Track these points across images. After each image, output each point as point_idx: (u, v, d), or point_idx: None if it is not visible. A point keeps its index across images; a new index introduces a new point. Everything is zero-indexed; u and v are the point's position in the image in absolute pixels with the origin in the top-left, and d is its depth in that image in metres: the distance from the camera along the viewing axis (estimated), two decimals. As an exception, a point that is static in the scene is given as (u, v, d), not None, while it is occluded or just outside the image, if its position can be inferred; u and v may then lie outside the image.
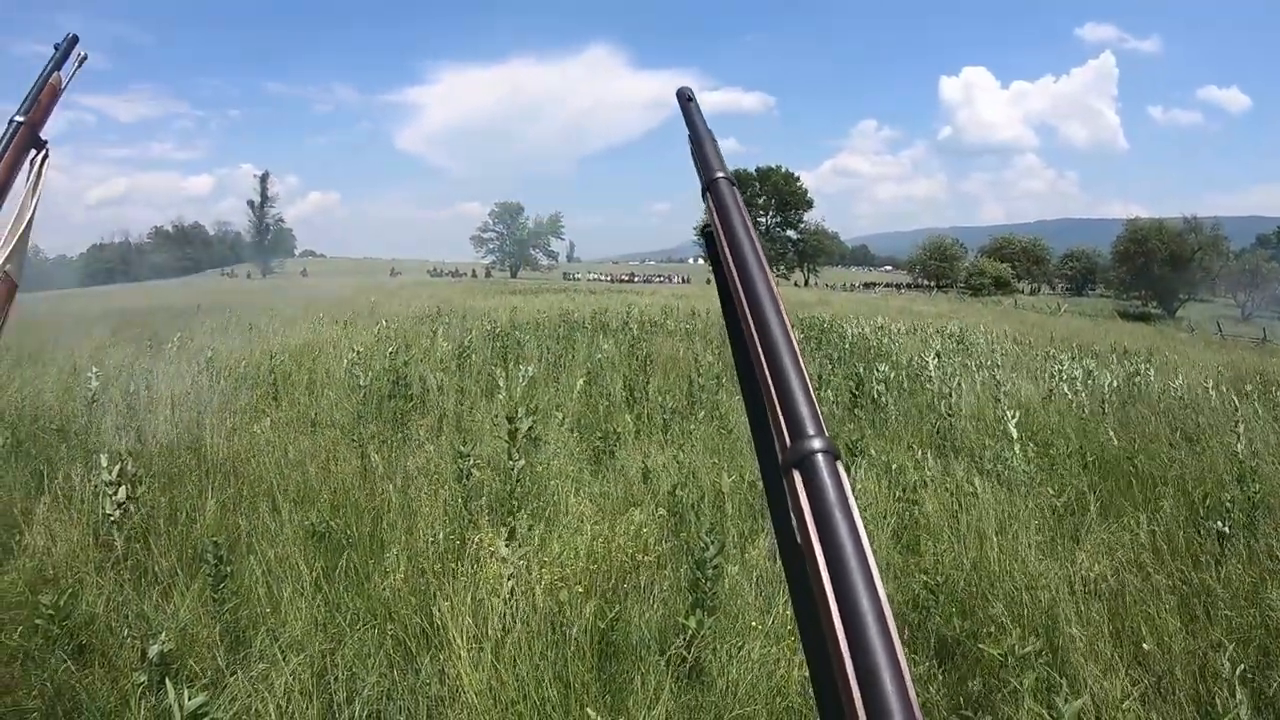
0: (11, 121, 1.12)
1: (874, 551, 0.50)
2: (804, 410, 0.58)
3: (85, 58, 1.29)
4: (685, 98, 1.00)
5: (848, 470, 0.56)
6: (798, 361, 0.62)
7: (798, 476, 0.55)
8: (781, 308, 0.67)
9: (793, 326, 0.66)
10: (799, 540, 0.53)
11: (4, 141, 1.09)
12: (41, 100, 1.18)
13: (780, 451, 0.58)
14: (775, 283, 0.70)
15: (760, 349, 0.64)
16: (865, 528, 0.51)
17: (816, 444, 0.56)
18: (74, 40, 1.29)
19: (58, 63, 1.24)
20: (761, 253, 0.73)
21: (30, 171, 1.12)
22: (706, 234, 0.85)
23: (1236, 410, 9.40)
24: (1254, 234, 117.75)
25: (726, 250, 0.75)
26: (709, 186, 0.84)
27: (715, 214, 0.80)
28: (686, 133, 0.96)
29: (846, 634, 0.47)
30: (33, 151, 1.13)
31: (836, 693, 0.47)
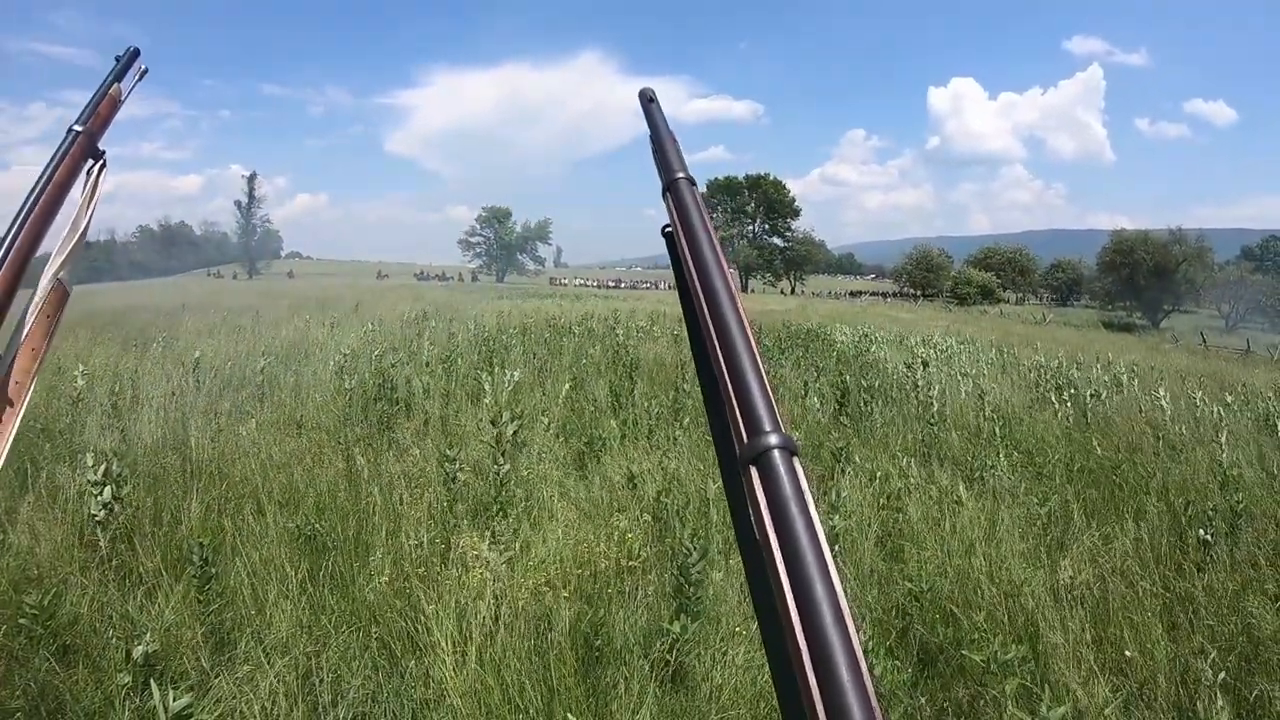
0: (70, 130, 1.12)
1: (830, 545, 0.52)
2: (761, 407, 0.60)
3: (146, 71, 1.29)
4: (647, 99, 1.01)
5: (805, 465, 0.57)
6: (755, 359, 0.63)
7: (754, 472, 0.56)
8: (740, 306, 0.68)
9: (751, 324, 0.67)
10: (756, 535, 0.54)
11: (63, 150, 1.10)
12: (101, 111, 1.18)
13: (738, 447, 0.59)
14: (734, 282, 0.72)
15: (718, 347, 0.65)
16: (822, 521, 0.53)
17: (773, 440, 0.57)
18: (135, 53, 1.29)
19: (118, 74, 1.24)
20: (720, 252, 0.74)
21: (87, 181, 1.13)
22: (667, 234, 0.86)
23: (1222, 420, 9.48)
24: (1239, 246, 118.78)
25: (686, 250, 0.77)
26: (669, 187, 0.85)
27: (675, 214, 0.82)
28: (649, 133, 0.98)
29: (802, 624, 0.48)
30: (90, 161, 1.14)
31: (795, 685, 0.48)
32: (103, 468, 5.44)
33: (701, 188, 0.86)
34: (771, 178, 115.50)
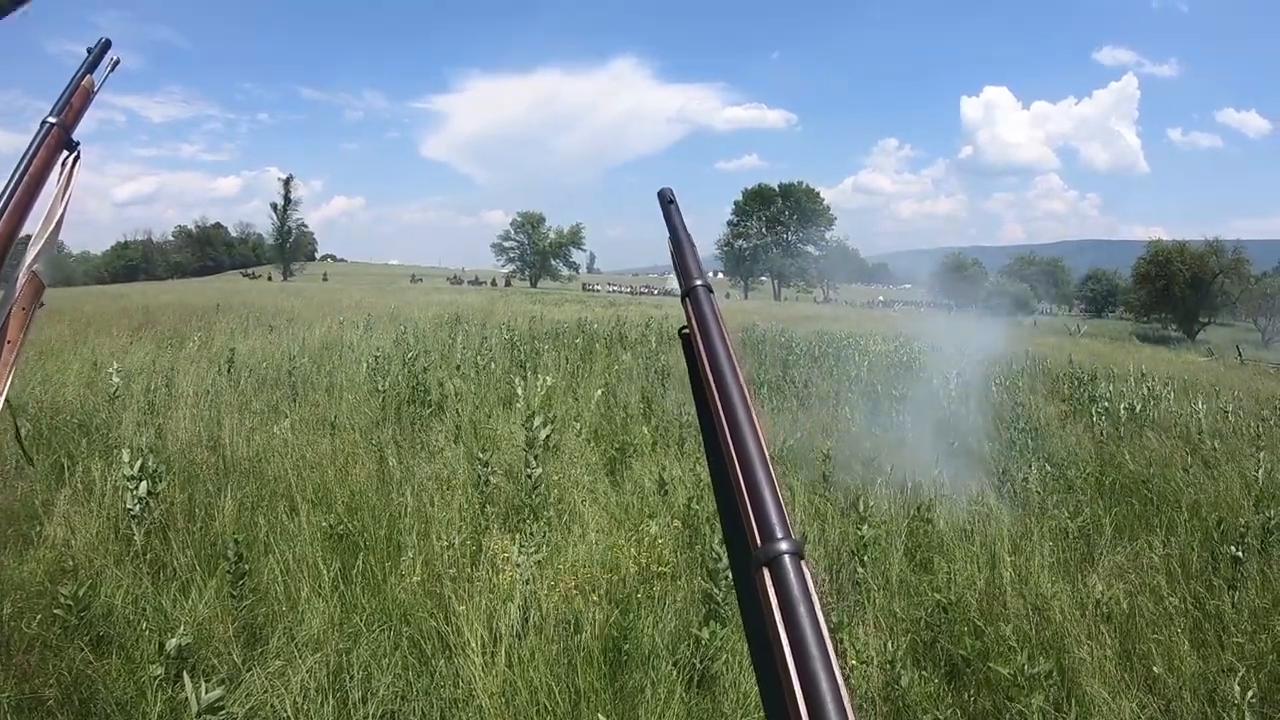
0: (44, 123, 1.12)
1: (834, 642, 0.57)
2: (773, 513, 0.64)
3: (118, 62, 1.28)
4: (666, 200, 1.02)
5: (811, 567, 0.62)
6: (767, 465, 0.68)
7: (766, 574, 0.60)
8: (753, 413, 0.72)
9: (765, 431, 0.72)
10: (768, 632, 0.58)
11: (37, 142, 1.10)
12: (74, 103, 1.17)
13: (751, 549, 0.63)
14: (747, 387, 0.76)
15: (733, 452, 0.70)
16: (827, 620, 0.57)
17: (784, 546, 0.61)
18: (107, 44, 1.28)
19: (91, 65, 1.23)
20: (735, 359, 0.78)
21: (61, 173, 1.13)
22: (683, 335, 0.89)
23: (1259, 436, 9.36)
24: (1277, 258, 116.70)
25: (703, 355, 0.80)
26: (687, 294, 0.88)
27: (693, 320, 0.85)
28: (669, 220, 1.01)
29: (809, 715, 0.52)
30: (64, 153, 1.14)
31: None
32: (138, 463, 5.52)
33: (737, 196, 0.87)
34: (804, 186, 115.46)
